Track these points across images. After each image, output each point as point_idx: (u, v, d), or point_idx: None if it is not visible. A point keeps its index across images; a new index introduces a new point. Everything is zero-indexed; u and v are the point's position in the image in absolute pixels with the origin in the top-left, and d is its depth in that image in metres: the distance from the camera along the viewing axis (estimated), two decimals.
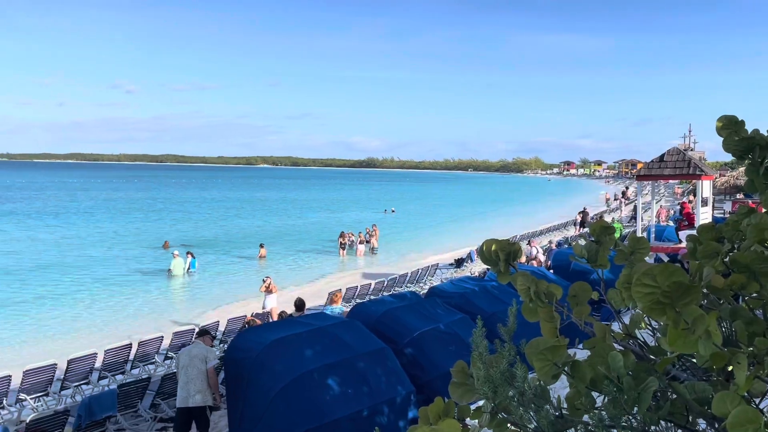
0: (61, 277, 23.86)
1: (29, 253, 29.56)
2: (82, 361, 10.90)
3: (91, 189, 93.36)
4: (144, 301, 20.19)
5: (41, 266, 26.03)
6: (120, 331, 15.89)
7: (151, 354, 12.08)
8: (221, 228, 43.07)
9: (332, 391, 7.38)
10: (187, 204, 66.92)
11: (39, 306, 19.13)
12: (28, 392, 10.13)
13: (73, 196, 75.53)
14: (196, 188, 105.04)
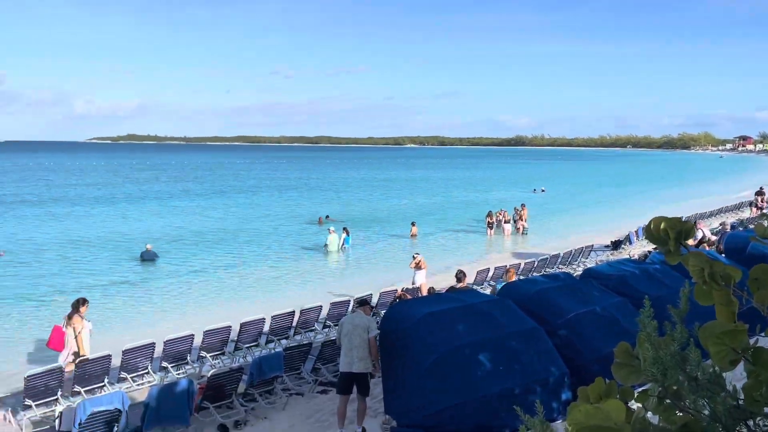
0: (228, 249, 26.23)
1: (200, 228, 32.78)
2: (252, 325, 12.00)
3: (253, 169, 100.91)
4: (303, 273, 21.61)
5: (212, 239, 28.78)
6: (283, 299, 17.18)
7: (312, 322, 12.96)
8: (371, 206, 44.61)
9: (483, 366, 7.48)
10: (339, 183, 70.01)
11: (212, 274, 21.22)
12: (208, 350, 11.37)
13: (238, 175, 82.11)
14: (347, 168, 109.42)
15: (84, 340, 10.63)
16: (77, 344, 10.51)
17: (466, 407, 7.31)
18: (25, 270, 21.52)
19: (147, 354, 10.60)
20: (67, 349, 10.51)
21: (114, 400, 7.67)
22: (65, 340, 10.55)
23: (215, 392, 8.73)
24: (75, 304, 10.88)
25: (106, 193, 52.59)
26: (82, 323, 10.69)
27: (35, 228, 31.65)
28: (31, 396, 9.16)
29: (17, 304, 17.14)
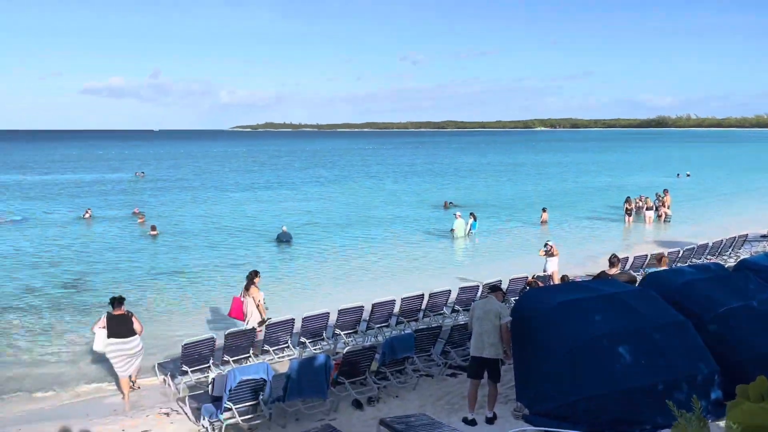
0: (357, 232, 27.02)
1: (330, 212, 34.02)
2: (383, 306, 12.33)
3: (380, 155, 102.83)
4: (430, 257, 21.79)
5: (342, 223, 29.80)
6: (411, 282, 17.44)
7: (440, 305, 13.07)
8: (498, 192, 43.87)
9: (623, 359, 7.14)
10: (464, 168, 69.48)
11: (343, 256, 21.99)
12: (342, 328, 11.85)
13: (365, 161, 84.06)
14: (473, 153, 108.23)
15: (262, 308, 11.72)
16: (259, 311, 11.55)
17: (603, 400, 7.03)
18: (175, 248, 23.59)
19: (287, 329, 11.25)
20: (247, 318, 11.57)
21: (260, 371, 8.23)
22: (244, 309, 11.59)
23: (350, 368, 9.09)
24: (250, 276, 11.89)
25: (246, 178, 56.16)
26: (260, 293, 11.67)
27: (184, 210, 34.55)
28: (186, 362, 10.09)
29: (173, 278, 18.84)
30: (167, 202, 38.49)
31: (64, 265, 20.59)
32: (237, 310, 11.77)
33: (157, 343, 12.52)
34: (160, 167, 71.72)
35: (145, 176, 57.66)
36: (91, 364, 11.56)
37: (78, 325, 14.28)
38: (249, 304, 11.62)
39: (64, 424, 8.57)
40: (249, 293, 11.67)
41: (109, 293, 16.87)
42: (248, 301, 11.65)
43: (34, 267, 20.41)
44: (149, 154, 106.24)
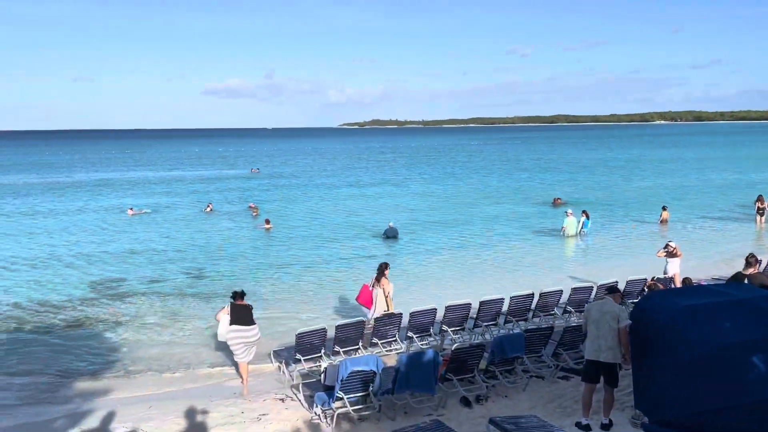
0: (463, 228, 26.81)
1: (436, 208, 33.97)
2: (491, 304, 12.16)
3: (485, 151, 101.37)
4: (540, 256, 21.21)
5: (448, 219, 29.69)
6: (520, 281, 17.10)
7: (551, 305, 12.69)
8: (611, 189, 41.89)
9: (757, 370, 6.58)
10: (574, 164, 66.94)
11: (450, 252, 21.91)
12: (449, 325, 11.82)
13: (470, 157, 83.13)
14: (584, 148, 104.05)
15: (390, 300, 12.05)
16: (386, 303, 11.92)
17: (731, 413, 6.52)
18: (287, 240, 24.55)
19: (395, 323, 11.40)
20: (374, 307, 11.95)
21: (370, 362, 8.40)
22: (373, 299, 12.00)
23: (459, 365, 9.06)
24: (381, 267, 12.22)
25: (352, 175, 57.42)
26: (389, 284, 12.02)
27: (295, 204, 35.90)
28: (300, 351, 10.49)
29: (285, 270, 19.64)
30: (279, 196, 40.19)
31: (188, 255, 22.06)
32: (366, 297, 12.13)
33: (271, 331, 13.12)
34: (273, 163, 74.97)
35: (259, 172, 60.51)
36: (212, 349, 12.32)
37: (201, 312, 15.25)
38: (378, 295, 11.96)
39: (190, 404, 9.20)
40: (380, 284, 12.00)
41: (228, 282, 17.94)
42: (377, 291, 11.98)
43: (162, 256, 22.04)
44: (263, 151, 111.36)
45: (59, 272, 19.76)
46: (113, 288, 17.74)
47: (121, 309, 15.60)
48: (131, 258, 21.80)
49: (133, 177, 57.33)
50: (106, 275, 19.26)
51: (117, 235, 26.58)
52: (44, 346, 12.97)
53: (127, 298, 16.58)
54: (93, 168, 70.49)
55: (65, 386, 10.78)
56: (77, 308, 15.69)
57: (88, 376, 11.28)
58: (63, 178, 57.01)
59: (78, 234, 26.88)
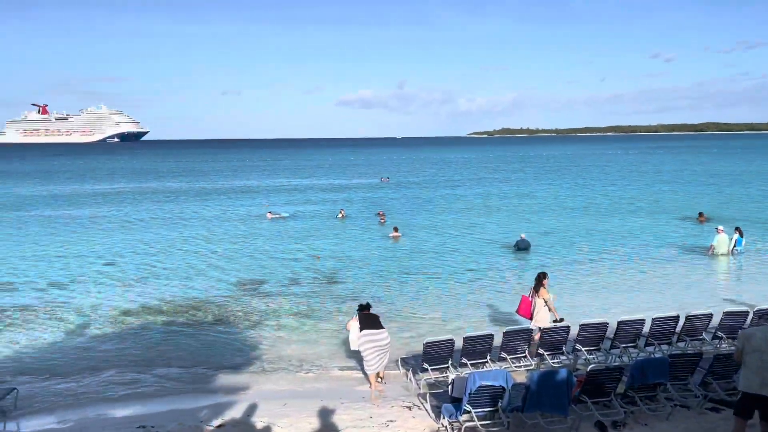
0: (599, 242, 25.48)
1: (567, 219, 32.58)
2: (630, 325, 11.43)
3: (622, 161, 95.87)
4: (686, 275, 19.64)
5: (582, 232, 28.39)
6: (663, 301, 15.96)
7: (699, 330, 11.70)
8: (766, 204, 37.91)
9: None
10: (724, 176, 61.39)
11: (583, 267, 20.92)
12: (583, 344, 11.27)
13: (604, 168, 78.90)
14: (737, 159, 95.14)
15: (553, 308, 12.08)
16: (552, 311, 11.98)
17: None
18: (414, 248, 24.74)
19: (525, 339, 11.08)
20: (534, 317, 11.99)
21: (499, 377, 8.21)
22: (532, 309, 12.06)
23: (594, 388, 8.60)
24: (538, 277, 12.25)
25: (480, 185, 56.79)
26: (548, 294, 12.05)
27: (423, 213, 36.12)
28: (427, 360, 10.52)
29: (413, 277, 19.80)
30: (407, 205, 40.71)
31: (321, 259, 22.95)
32: (525, 308, 12.20)
33: (398, 338, 13.28)
34: (402, 173, 76.14)
35: (389, 181, 61.74)
36: (343, 352, 12.70)
37: (332, 314, 15.80)
38: (537, 304, 11.96)
39: (322, 404, 9.55)
40: (538, 294, 11.98)
41: (358, 287, 18.46)
42: (537, 301, 11.97)
43: (297, 259, 23.13)
44: (392, 160, 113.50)
45: (204, 271, 21.39)
46: (253, 288, 18.89)
47: (259, 308, 16.57)
48: (269, 260, 23.11)
49: (271, 184, 60.85)
50: (247, 275, 20.56)
51: (256, 237, 28.31)
52: (192, 339, 14.09)
53: (266, 298, 17.58)
54: (236, 175, 75.75)
55: (210, 378, 11.63)
56: (221, 305, 16.88)
57: (230, 369, 12.08)
58: (209, 184, 61.81)
59: (221, 236, 28.98)
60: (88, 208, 40.73)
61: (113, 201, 45.46)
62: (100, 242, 27.55)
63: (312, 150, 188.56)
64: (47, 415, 10.06)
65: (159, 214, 37.38)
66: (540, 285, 11.99)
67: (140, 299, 17.67)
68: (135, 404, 10.42)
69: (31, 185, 60.71)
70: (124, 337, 14.31)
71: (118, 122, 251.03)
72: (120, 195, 50.19)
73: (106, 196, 49.04)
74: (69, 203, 44.32)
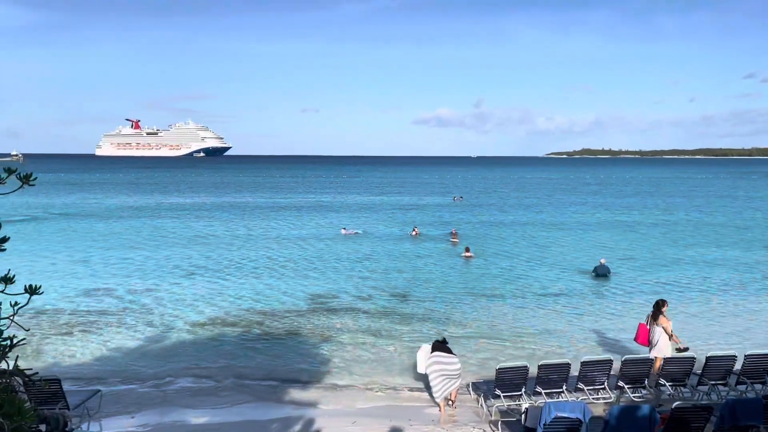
0: (683, 270, 24.17)
1: (649, 246, 31.10)
2: (720, 360, 10.71)
3: (710, 185, 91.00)
4: None
5: (664, 259, 27.03)
6: (753, 337, 14.89)
7: None
8: None
9: None
10: None
11: (668, 296, 19.86)
12: (667, 378, 10.63)
13: (690, 192, 75.07)
14: None
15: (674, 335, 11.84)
16: (674, 340, 11.74)
17: None
18: (488, 270, 24.29)
19: (605, 369, 10.57)
20: (652, 345, 11.76)
21: (576, 410, 7.87)
22: (650, 337, 11.87)
23: (679, 426, 8.08)
24: (657, 304, 12.00)
25: (557, 207, 55.33)
26: (668, 321, 11.79)
27: (497, 234, 35.50)
28: (500, 387, 10.22)
29: (488, 300, 19.42)
30: (481, 225, 40.16)
31: (393, 277, 22.97)
32: (643, 336, 12.03)
33: (470, 361, 13.02)
34: (475, 192, 75.40)
35: (462, 200, 61.24)
36: (413, 373, 12.55)
37: (404, 333, 15.71)
38: (656, 332, 11.73)
39: (391, 424, 9.45)
40: (657, 322, 11.75)
41: (429, 306, 18.34)
42: (656, 329, 11.74)
43: (370, 275, 23.24)
44: (466, 179, 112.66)
45: (277, 285, 21.82)
46: (326, 302, 19.10)
47: (332, 323, 16.72)
48: (342, 276, 23.33)
49: (346, 200, 61.70)
50: (320, 290, 20.82)
51: (330, 253, 28.68)
52: (265, 352, 14.35)
53: (338, 313, 17.72)
54: (312, 190, 77.35)
55: (281, 391, 11.77)
56: (293, 319, 17.14)
57: (302, 384, 12.19)
58: (285, 198, 63.37)
59: (296, 250, 29.54)
60: (170, 220, 42.63)
61: (192, 214, 47.40)
62: (179, 254, 28.70)
63: (387, 167, 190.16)
64: (127, 417, 10.48)
65: (233, 228, 38.61)
66: (659, 312, 11.70)
67: (215, 310, 18.22)
68: (209, 412, 10.69)
69: (119, 195, 64.26)
70: (200, 347, 14.76)
71: (203, 137, 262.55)
72: (199, 208, 52.29)
73: (186, 208, 51.23)
74: (152, 214, 46.58)
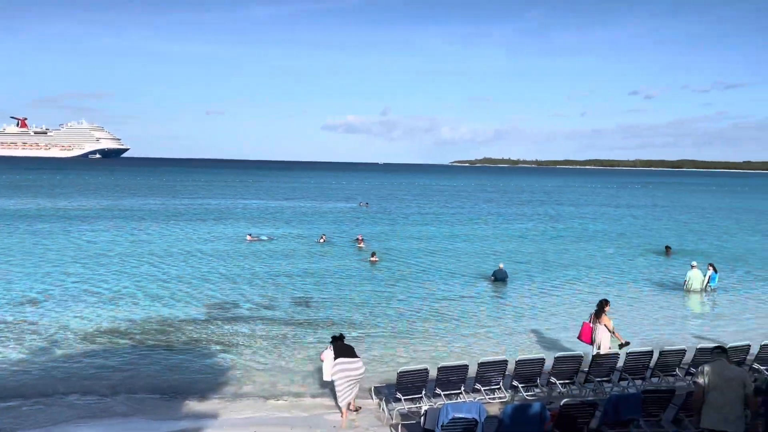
0: (573, 275, 25.62)
1: (541, 251, 32.79)
2: (605, 358, 11.44)
3: (596, 194, 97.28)
4: (657, 310, 19.77)
5: (556, 264, 28.56)
6: (638, 336, 15.99)
7: (673, 365, 11.73)
8: (737, 241, 38.57)
9: None
10: (695, 211, 62.66)
11: (560, 299, 20.99)
12: (558, 377, 11.22)
13: (577, 201, 79.72)
14: (710, 196, 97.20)
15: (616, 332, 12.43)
16: (616, 336, 12.32)
17: None
18: (392, 275, 24.62)
19: (500, 370, 10.98)
20: (596, 342, 12.26)
21: (473, 410, 8.12)
22: (593, 335, 12.35)
23: (567, 422, 8.53)
24: (600, 304, 12.54)
25: (461, 213, 57.06)
26: (609, 320, 12.34)
27: (402, 240, 36.07)
28: (401, 390, 10.37)
29: (391, 304, 19.66)
30: (386, 231, 40.65)
31: (299, 284, 22.73)
32: (586, 334, 12.50)
33: (372, 366, 13.10)
34: (382, 198, 76.28)
35: (368, 206, 61.72)
36: (316, 380, 12.47)
37: (307, 340, 15.58)
38: (599, 330, 12.20)
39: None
40: (600, 320, 12.22)
41: (334, 312, 18.29)
42: (598, 327, 12.21)
43: (275, 283, 22.87)
44: (373, 185, 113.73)
45: (176, 293, 21.00)
46: (227, 311, 18.59)
47: (234, 331, 16.29)
48: (246, 283, 22.81)
49: (252, 205, 60.47)
50: (221, 298, 20.25)
51: (234, 259, 27.98)
52: (160, 363, 13.74)
53: (240, 321, 17.29)
54: (215, 195, 75.18)
55: (177, 404, 11.31)
56: (192, 328, 16.54)
57: (199, 395, 11.76)
58: (187, 203, 61.16)
59: (198, 256, 28.58)
60: (57, 224, 39.99)
61: (81, 218, 44.71)
62: (66, 261, 26.98)
63: (295, 172, 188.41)
64: None
65: (132, 233, 36.81)
66: (602, 311, 12.26)
67: (109, 320, 17.26)
68: (97, 430, 10.08)
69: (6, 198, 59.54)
70: (90, 359, 13.91)
71: (98, 138, 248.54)
72: (92, 212, 49.43)
73: (74, 213, 48.27)
74: (40, 218, 43.52)
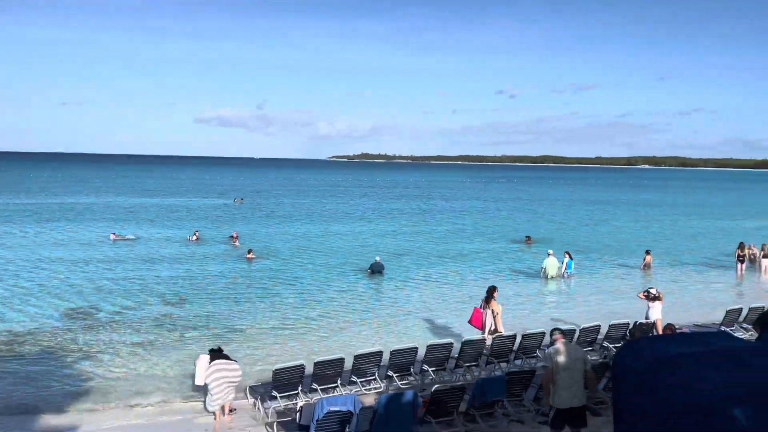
0: (443, 266, 26.69)
1: (416, 245, 33.91)
2: (473, 344, 12.00)
3: (466, 188, 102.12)
4: (520, 296, 21.08)
5: (431, 255, 29.63)
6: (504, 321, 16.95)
7: (533, 348, 12.57)
8: (590, 231, 42.23)
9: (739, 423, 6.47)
10: (557, 204, 67.76)
11: (433, 290, 21.77)
12: (430, 364, 11.63)
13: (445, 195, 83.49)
14: (564, 189, 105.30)
15: (499, 320, 12.89)
16: (496, 323, 12.74)
17: None
18: (269, 272, 24.27)
19: (375, 361, 11.19)
20: (486, 327, 12.70)
21: (347, 402, 8.20)
22: (483, 320, 12.73)
23: (438, 407, 8.87)
24: (489, 290, 13.06)
25: (340, 209, 57.40)
26: (498, 306, 12.67)
27: (279, 236, 35.65)
28: (276, 387, 10.24)
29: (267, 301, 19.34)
30: (263, 227, 39.95)
31: (168, 284, 21.71)
32: (477, 319, 12.91)
33: (248, 365, 12.83)
34: (258, 194, 74.82)
35: (243, 202, 60.24)
36: (186, 383, 11.99)
37: (176, 343, 14.93)
38: (488, 316, 12.66)
39: None
40: (489, 305, 12.64)
41: (207, 313, 17.65)
42: (487, 312, 12.66)
43: (142, 284, 21.66)
44: (248, 181, 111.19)
45: (34, 297, 19.35)
46: (88, 316, 17.35)
47: (96, 338, 15.23)
48: (109, 285, 21.42)
49: (117, 202, 56.82)
50: (82, 302, 18.87)
51: (97, 260, 26.15)
52: (12, 375, 12.56)
53: (102, 328, 16.20)
54: (73, 192, 69.81)
55: (30, 420, 10.40)
56: (49, 336, 15.28)
57: (57, 408, 10.89)
58: (39, 200, 56.33)
59: (56, 258, 26.42)
60: None
61: None
62: None
63: (167, 168, 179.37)
64: None
65: None
66: (491, 297, 12.77)
67: None
68: None
69: None
70: None
71: None
72: None
73: None
74: None
